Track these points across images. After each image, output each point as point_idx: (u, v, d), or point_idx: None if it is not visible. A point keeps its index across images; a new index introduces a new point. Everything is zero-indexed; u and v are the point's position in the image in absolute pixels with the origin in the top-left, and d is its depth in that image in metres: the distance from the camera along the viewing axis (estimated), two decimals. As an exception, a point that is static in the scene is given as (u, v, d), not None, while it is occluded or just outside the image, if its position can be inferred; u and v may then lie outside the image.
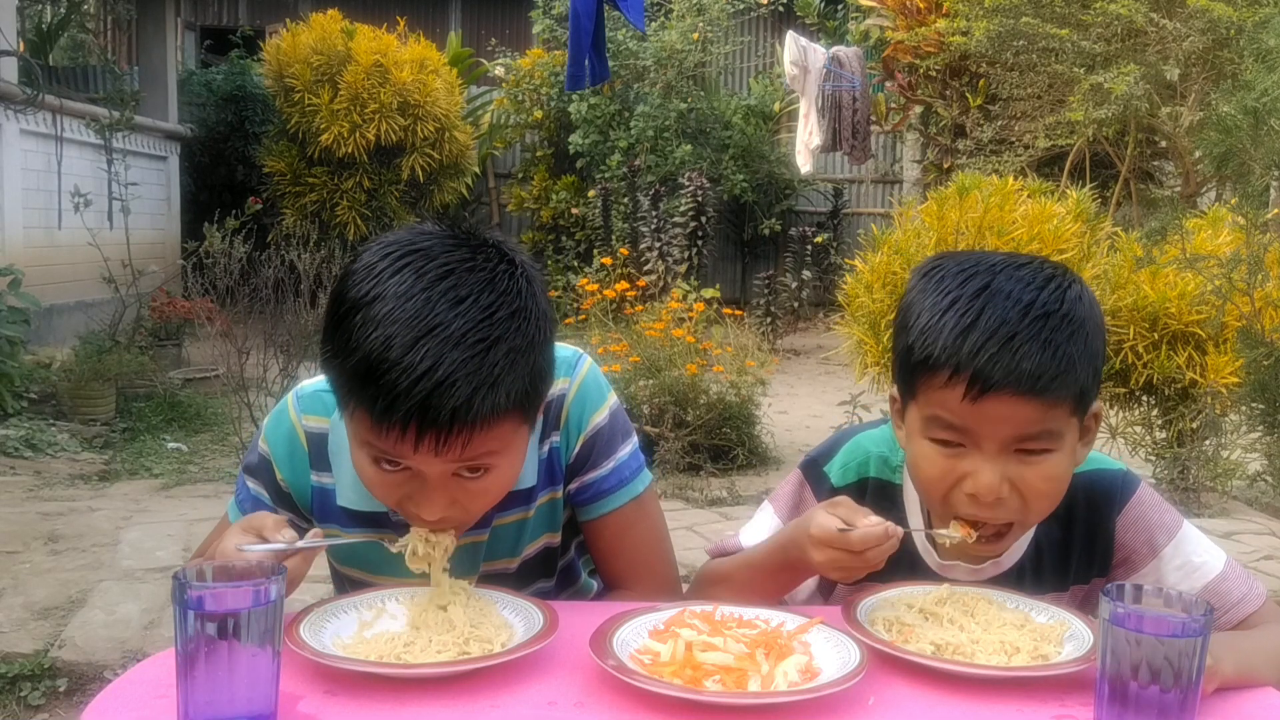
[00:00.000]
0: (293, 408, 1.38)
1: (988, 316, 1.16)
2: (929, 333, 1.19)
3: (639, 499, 1.42)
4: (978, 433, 1.19)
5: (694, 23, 10.30)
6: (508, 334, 1.12)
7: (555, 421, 1.38)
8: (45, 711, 2.76)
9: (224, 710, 0.95)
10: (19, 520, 4.15)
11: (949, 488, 1.23)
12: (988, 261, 1.23)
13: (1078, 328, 1.18)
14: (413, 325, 1.09)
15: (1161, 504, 1.37)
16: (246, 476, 1.41)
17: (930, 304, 1.21)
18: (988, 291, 1.18)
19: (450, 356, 1.08)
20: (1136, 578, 1.35)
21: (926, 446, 1.24)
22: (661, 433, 4.91)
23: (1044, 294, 1.18)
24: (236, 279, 5.68)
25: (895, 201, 5.68)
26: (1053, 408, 1.17)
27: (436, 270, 1.12)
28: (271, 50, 9.55)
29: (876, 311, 4.06)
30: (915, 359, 1.21)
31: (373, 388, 1.09)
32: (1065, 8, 6.52)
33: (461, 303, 1.11)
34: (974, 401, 1.16)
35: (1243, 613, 1.30)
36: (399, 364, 1.08)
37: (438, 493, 1.17)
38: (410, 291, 1.11)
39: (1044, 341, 1.15)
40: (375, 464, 1.17)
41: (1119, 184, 7.06)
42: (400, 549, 1.22)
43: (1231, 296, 3.44)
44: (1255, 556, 3.87)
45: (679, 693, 1.01)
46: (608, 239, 9.53)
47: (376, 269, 1.13)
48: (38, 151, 7.31)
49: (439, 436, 1.10)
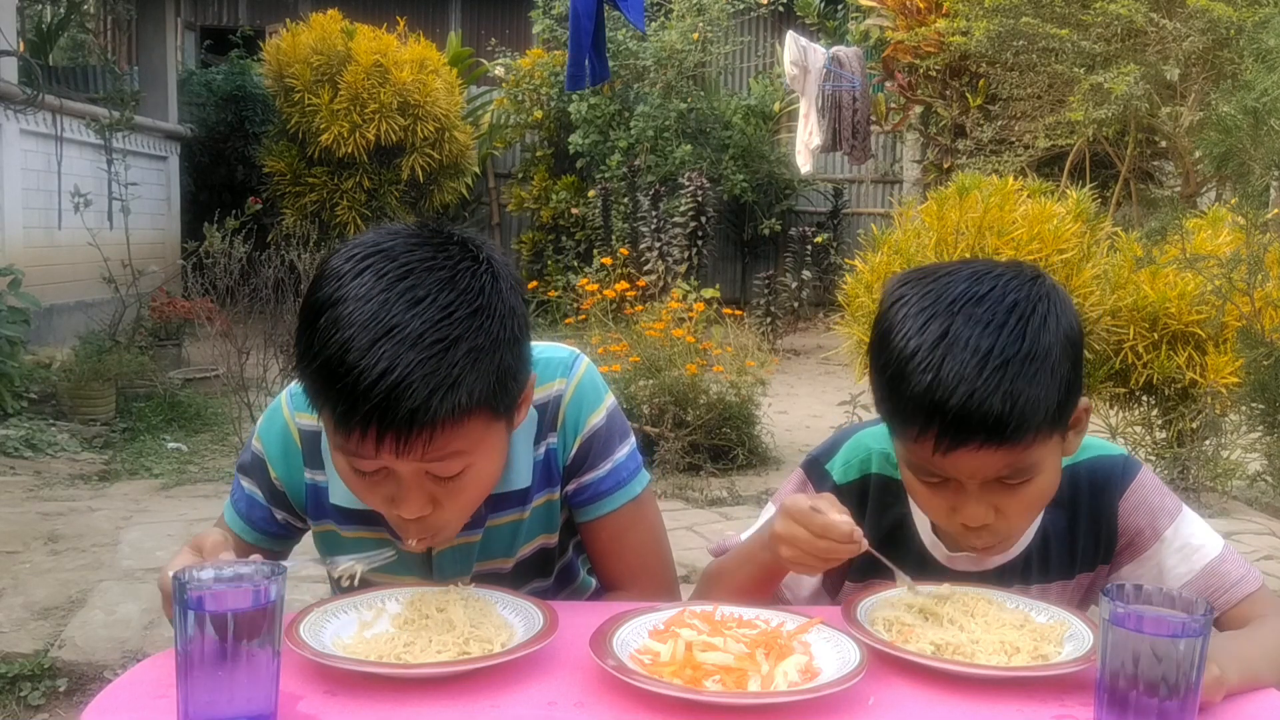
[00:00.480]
0: (286, 406, 1.38)
1: (947, 372, 1.16)
2: (894, 385, 1.20)
3: (637, 500, 1.42)
4: (956, 477, 1.22)
5: (694, 23, 10.29)
6: (468, 333, 1.11)
7: (552, 423, 1.37)
8: (45, 711, 2.76)
9: (224, 710, 0.95)
10: (19, 520, 4.15)
11: (942, 516, 1.28)
12: (949, 295, 1.20)
13: (1041, 363, 1.17)
14: (369, 328, 1.09)
15: (1162, 488, 1.40)
16: (241, 476, 1.41)
17: (895, 351, 1.20)
18: (946, 341, 1.17)
19: (407, 358, 1.08)
20: (1140, 561, 1.37)
21: (914, 482, 1.28)
22: (661, 433, 4.91)
23: (1003, 335, 1.17)
24: (236, 279, 5.68)
25: (895, 201, 5.68)
26: (1024, 448, 1.19)
27: (396, 271, 1.12)
28: (271, 50, 9.55)
29: (876, 312, 4.06)
30: (886, 410, 1.24)
31: (333, 391, 1.10)
32: (1065, 8, 6.52)
33: (419, 303, 1.10)
34: (945, 455, 1.18)
35: (1241, 593, 1.31)
36: (356, 367, 1.08)
37: (414, 491, 1.17)
38: (370, 294, 1.11)
39: (1005, 393, 1.15)
40: (352, 468, 1.18)
41: (1119, 184, 7.06)
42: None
43: (1231, 296, 3.44)
44: (1255, 556, 3.87)
45: (679, 693, 1.00)
46: (608, 239, 9.53)
47: (340, 271, 1.14)
48: (38, 151, 7.31)
49: (399, 437, 1.10)
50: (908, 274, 1.29)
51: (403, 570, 1.37)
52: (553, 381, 1.37)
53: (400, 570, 1.37)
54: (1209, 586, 1.32)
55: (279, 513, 1.40)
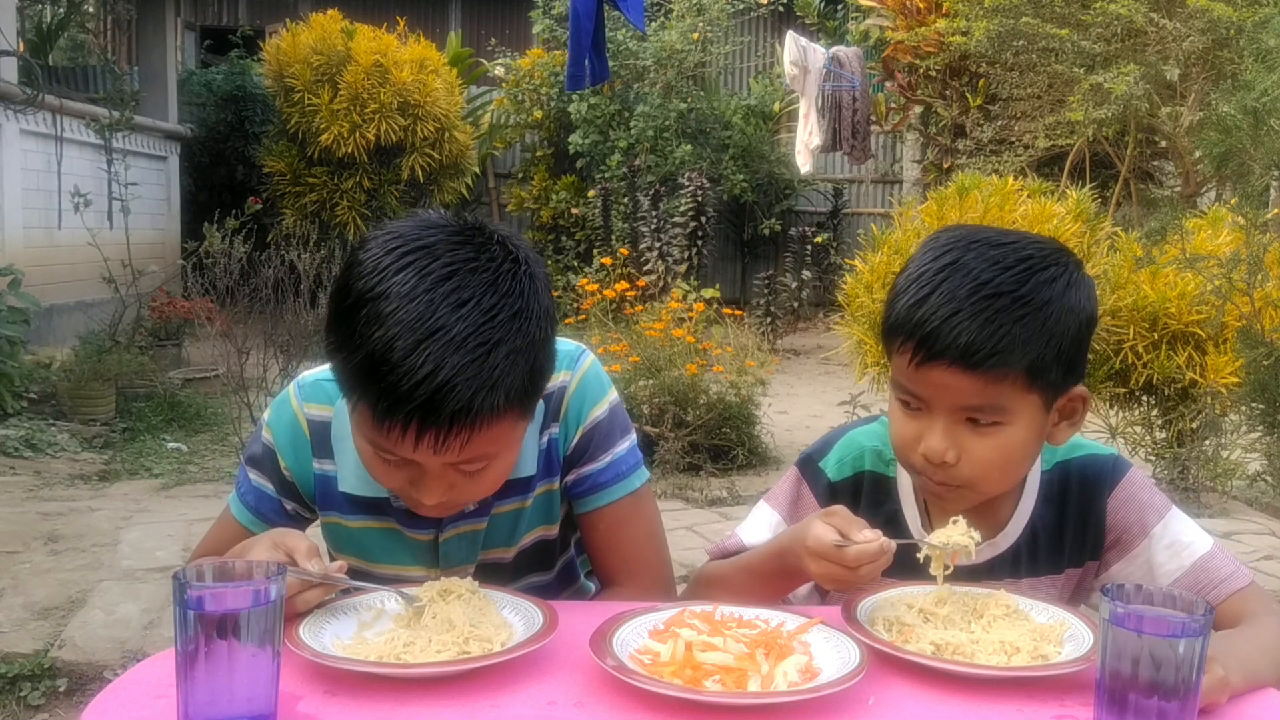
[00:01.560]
0: (294, 397, 1.40)
1: (940, 290, 1.23)
2: (893, 300, 1.28)
3: (635, 494, 1.43)
4: (927, 398, 1.26)
5: (694, 23, 10.30)
6: (508, 335, 1.14)
7: (555, 413, 1.39)
8: (45, 711, 2.76)
9: (224, 710, 0.95)
10: (19, 520, 4.15)
11: (910, 446, 1.30)
12: (973, 237, 1.28)
13: (1035, 309, 1.21)
14: (415, 328, 1.10)
15: (1151, 486, 1.42)
16: (249, 469, 1.41)
17: (905, 275, 1.29)
18: (951, 266, 1.24)
19: (451, 360, 1.10)
20: (1128, 558, 1.39)
21: (894, 404, 1.32)
22: (661, 433, 4.91)
23: (1005, 275, 1.22)
24: (236, 279, 5.68)
25: (895, 201, 5.68)
26: (994, 382, 1.22)
27: (440, 270, 1.13)
28: (271, 50, 9.55)
29: (876, 311, 4.06)
30: (884, 322, 1.31)
31: (375, 388, 1.11)
32: (1065, 8, 6.52)
33: (464, 305, 1.12)
34: (917, 368, 1.24)
35: (1230, 589, 1.32)
36: (401, 366, 1.10)
37: (437, 481, 1.20)
38: (414, 292, 1.12)
39: (985, 319, 1.20)
40: (377, 455, 1.20)
41: (1119, 184, 7.06)
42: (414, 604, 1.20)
43: (1231, 296, 3.44)
44: (1255, 556, 3.87)
45: (679, 693, 1.00)
46: (608, 239, 9.53)
47: (382, 264, 1.14)
48: (38, 151, 7.31)
49: (439, 436, 1.12)
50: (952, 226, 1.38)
51: (408, 560, 1.38)
52: (558, 373, 1.39)
53: (406, 560, 1.38)
54: (1199, 582, 1.33)
55: (289, 503, 1.41)
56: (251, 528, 1.40)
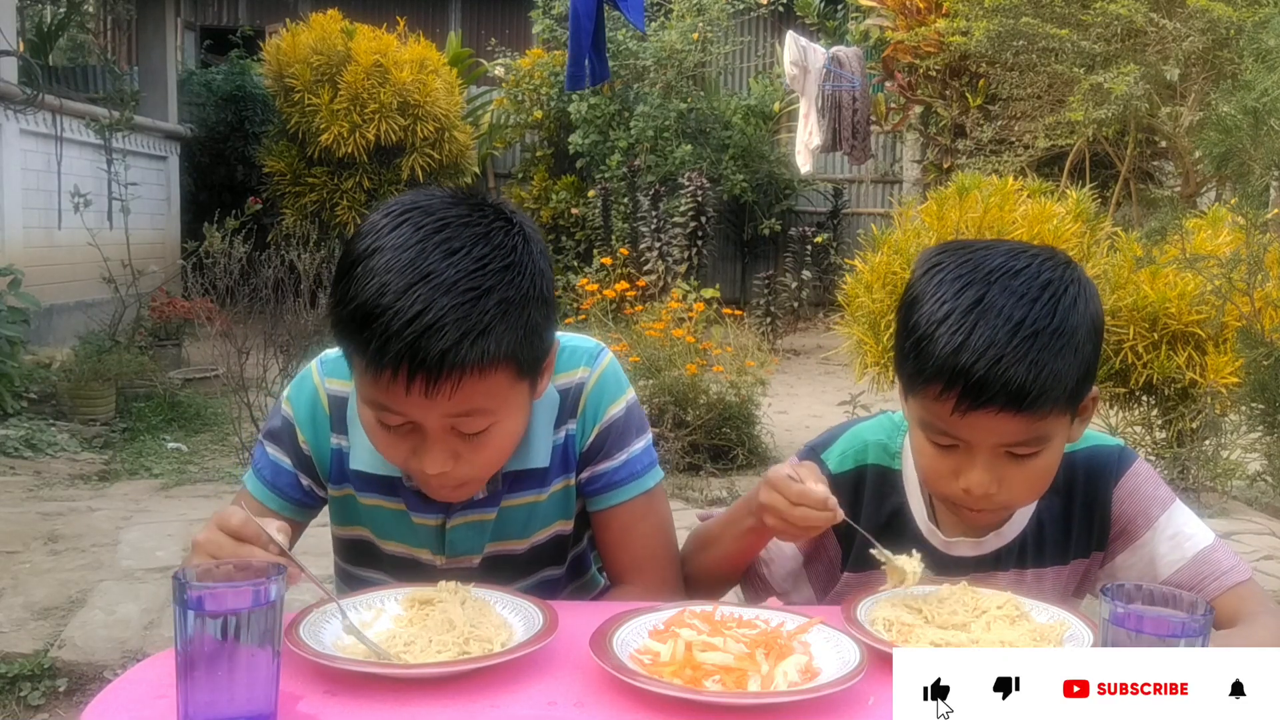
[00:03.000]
0: (316, 372, 1.41)
1: (978, 336, 1.20)
2: (924, 344, 1.23)
3: (649, 493, 1.43)
4: (968, 440, 1.25)
5: (694, 23, 10.29)
6: (499, 285, 1.15)
7: (573, 409, 1.40)
8: (45, 711, 2.76)
9: (224, 710, 0.95)
10: (19, 520, 4.15)
11: (944, 480, 1.29)
12: (986, 266, 1.24)
13: (1067, 340, 1.21)
14: (405, 273, 1.13)
15: (1156, 478, 1.42)
16: (267, 443, 1.42)
17: (927, 313, 1.24)
18: (980, 307, 1.21)
19: (440, 302, 1.12)
20: (1133, 549, 1.39)
21: (924, 443, 1.30)
22: (661, 433, 4.91)
23: (1036, 308, 1.20)
24: (236, 279, 5.68)
25: (895, 201, 5.68)
26: (1040, 419, 1.22)
27: (433, 224, 1.17)
28: (271, 50, 9.55)
29: (876, 311, 4.06)
30: (911, 368, 1.26)
31: (366, 332, 1.13)
32: (1065, 8, 6.52)
33: (454, 254, 1.15)
34: (963, 416, 1.21)
35: (1230, 581, 1.33)
36: (391, 308, 1.12)
37: (437, 444, 1.20)
38: (406, 243, 1.15)
39: (1030, 362, 1.19)
40: (378, 421, 1.21)
41: (1119, 184, 7.06)
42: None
43: (1231, 296, 3.44)
44: (1255, 556, 3.87)
45: (679, 693, 1.01)
46: (608, 239, 9.52)
47: (378, 225, 1.19)
48: (38, 151, 7.31)
49: (429, 379, 1.13)
50: (944, 245, 1.34)
51: (415, 543, 1.39)
52: (576, 369, 1.40)
53: (413, 542, 1.38)
54: (1199, 574, 1.34)
55: (304, 479, 1.41)
56: (268, 503, 1.40)
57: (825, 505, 1.22)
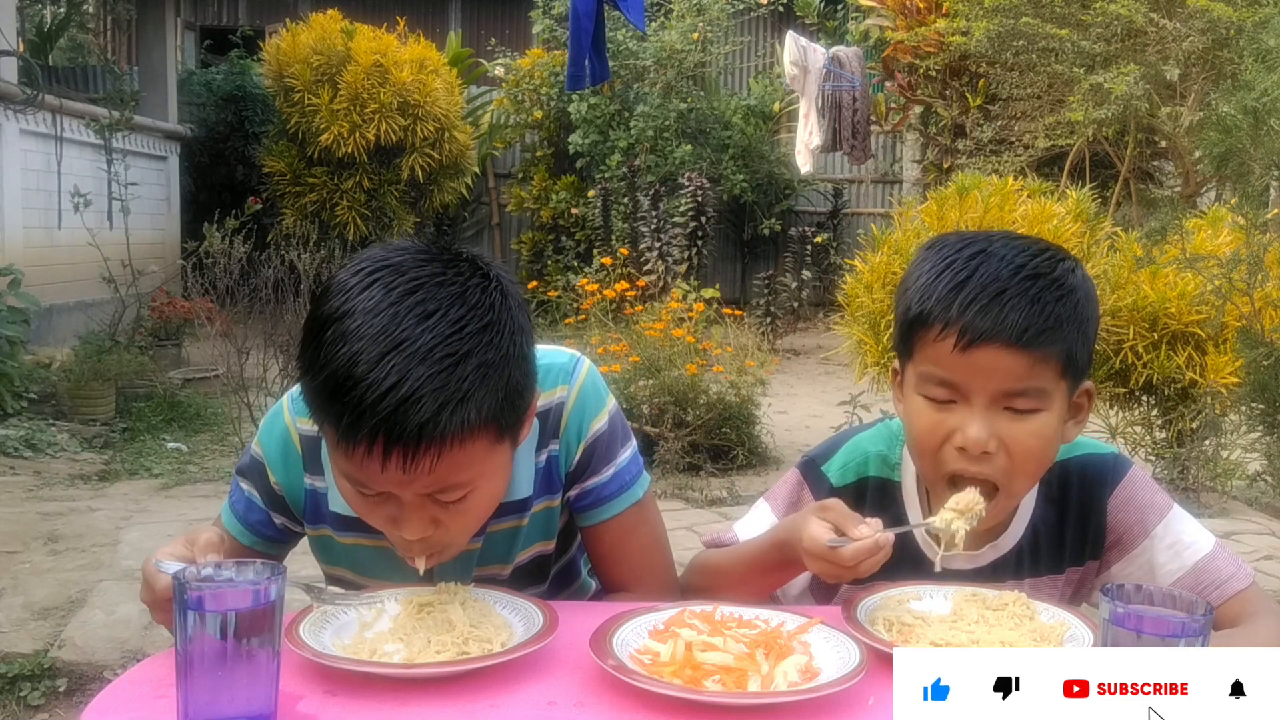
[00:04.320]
0: (287, 410, 1.37)
1: (980, 274, 1.23)
2: (925, 290, 1.26)
3: (639, 503, 1.42)
4: (967, 386, 1.24)
5: (694, 23, 10.29)
6: (478, 348, 1.09)
7: (554, 430, 1.36)
8: (45, 711, 2.76)
9: (224, 710, 0.95)
10: (19, 520, 4.15)
11: (939, 443, 1.27)
12: (988, 234, 1.31)
13: (1067, 292, 1.24)
14: (379, 341, 1.06)
15: (1152, 485, 1.41)
16: (239, 479, 1.40)
17: (929, 267, 1.28)
18: (983, 254, 1.25)
19: (417, 372, 1.06)
20: (1129, 558, 1.38)
21: (920, 402, 1.29)
22: (661, 433, 4.91)
23: (1037, 259, 1.25)
24: (236, 279, 5.68)
25: (895, 201, 5.68)
26: (1040, 363, 1.22)
27: (405, 285, 1.10)
28: (271, 50, 9.55)
29: (876, 311, 4.06)
30: (911, 316, 1.27)
31: (338, 405, 1.07)
32: (1065, 8, 6.52)
33: (429, 317, 1.08)
34: (964, 352, 1.22)
35: (1231, 589, 1.32)
36: (364, 380, 1.05)
37: (415, 513, 1.15)
38: (378, 307, 1.08)
39: (1032, 298, 1.21)
40: (355, 489, 1.16)
41: (1119, 184, 7.06)
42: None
43: (1231, 296, 3.44)
44: (1255, 556, 3.88)
45: (679, 693, 1.01)
46: (608, 239, 9.52)
47: (347, 285, 1.11)
48: (38, 151, 7.31)
49: (406, 454, 1.07)
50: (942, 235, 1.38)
51: (400, 579, 1.36)
52: (555, 389, 1.36)
53: (399, 578, 1.36)
54: (1200, 583, 1.33)
55: (277, 517, 1.39)
56: (241, 538, 1.39)
57: (877, 547, 1.17)
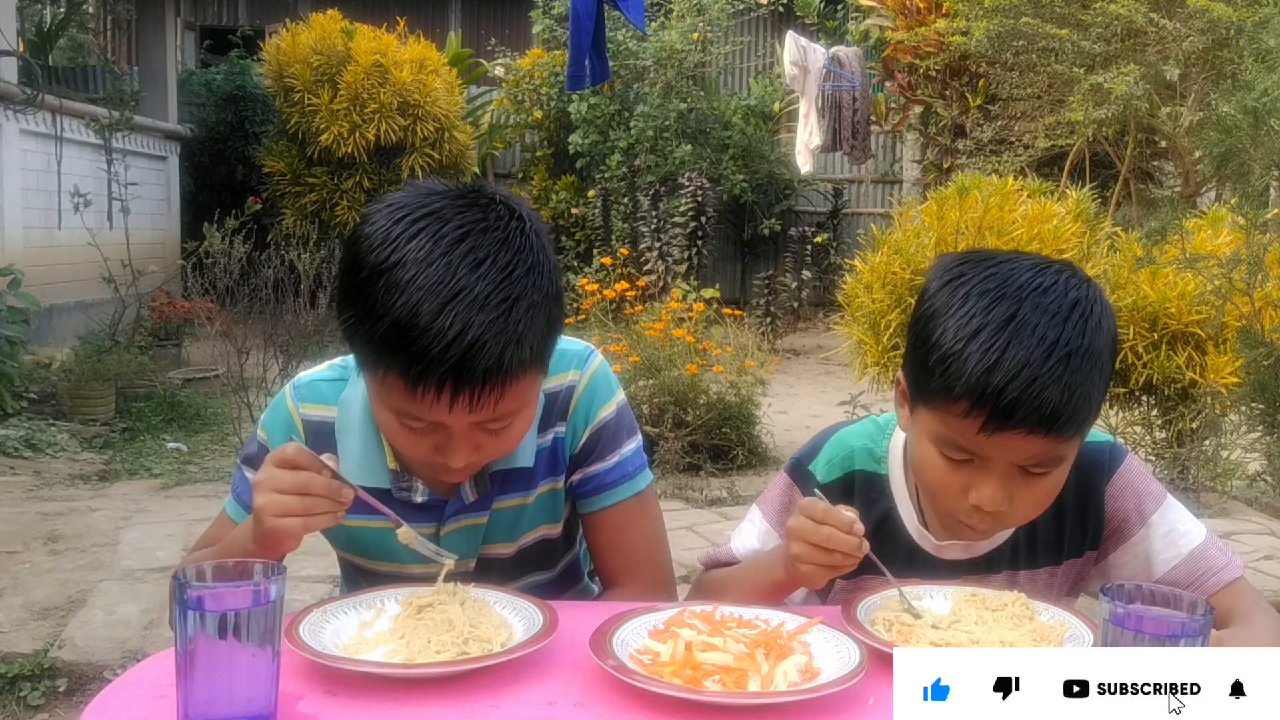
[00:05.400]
0: (290, 397, 1.40)
1: (1012, 355, 1.17)
2: (952, 360, 1.20)
3: (640, 495, 1.44)
4: (988, 457, 1.23)
5: (694, 23, 10.29)
6: (526, 291, 1.16)
7: (563, 412, 1.40)
8: (45, 711, 2.76)
9: (224, 710, 0.95)
10: (19, 520, 4.15)
11: (953, 494, 1.27)
12: (1014, 281, 1.21)
13: (1096, 361, 1.20)
14: (438, 291, 1.12)
15: (1147, 474, 1.41)
16: (245, 468, 1.41)
17: (955, 327, 1.21)
18: (1014, 324, 1.18)
19: (479, 319, 1.12)
20: (1126, 546, 1.38)
21: (935, 456, 1.26)
22: (661, 433, 4.91)
23: (1068, 328, 1.18)
24: (236, 279, 5.68)
25: (895, 201, 5.68)
26: (1064, 440, 1.21)
27: (453, 234, 1.16)
28: (271, 50, 9.55)
29: (876, 311, 4.05)
30: (935, 383, 1.22)
31: (405, 355, 1.13)
32: (1065, 8, 6.51)
33: (480, 265, 1.14)
34: (989, 435, 1.19)
35: (1225, 578, 1.33)
36: (430, 330, 1.11)
37: (463, 442, 1.22)
38: (430, 256, 1.14)
39: (1065, 385, 1.17)
40: (401, 424, 1.21)
41: (1119, 184, 7.06)
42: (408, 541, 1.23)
43: (1231, 296, 3.44)
44: (1255, 556, 3.88)
45: (679, 693, 1.01)
46: (608, 239, 9.52)
47: (392, 234, 1.16)
48: (38, 151, 7.31)
49: (473, 395, 1.14)
50: (963, 255, 1.30)
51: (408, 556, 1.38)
52: (567, 372, 1.40)
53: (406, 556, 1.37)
54: (1195, 570, 1.34)
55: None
56: None
57: (852, 528, 1.18)
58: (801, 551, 1.21)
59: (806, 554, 1.21)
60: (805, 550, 1.21)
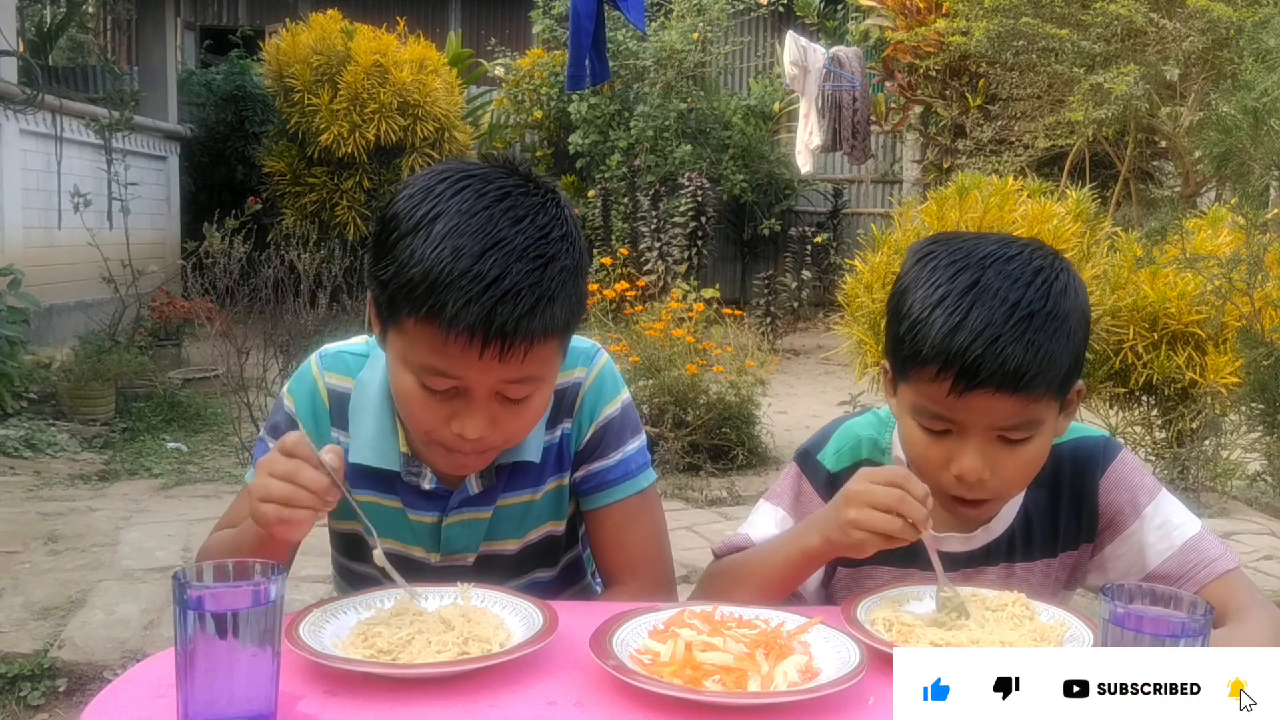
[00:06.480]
0: (316, 366, 1.42)
1: (975, 316, 1.21)
2: (919, 327, 1.25)
3: (643, 493, 1.44)
4: (963, 422, 1.26)
5: (694, 23, 10.30)
6: (560, 253, 1.19)
7: (569, 408, 1.41)
8: (45, 711, 2.76)
9: (224, 710, 0.95)
10: (19, 520, 4.15)
11: (937, 468, 1.29)
12: (979, 253, 1.26)
13: (1061, 324, 1.23)
14: (479, 238, 1.15)
15: (1141, 468, 1.43)
16: (269, 438, 1.42)
17: (921, 296, 1.26)
18: (976, 289, 1.23)
19: (516, 268, 1.15)
20: (1121, 539, 1.39)
21: (915, 430, 1.30)
22: (661, 433, 4.91)
23: (1030, 291, 1.23)
24: (236, 279, 5.68)
25: (895, 201, 5.68)
26: (1034, 401, 1.23)
27: (495, 192, 1.19)
28: (271, 50, 9.54)
29: (876, 311, 4.05)
30: (905, 351, 1.27)
31: (441, 296, 1.14)
32: (1065, 8, 6.52)
33: (521, 220, 1.18)
34: (959, 396, 1.22)
35: (1220, 569, 1.34)
36: (469, 272, 1.14)
37: (481, 410, 1.22)
38: (473, 209, 1.17)
39: (1027, 342, 1.21)
40: (422, 385, 1.21)
41: (1119, 184, 7.06)
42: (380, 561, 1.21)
43: (1231, 296, 3.44)
44: (1255, 556, 3.88)
45: (679, 693, 1.00)
46: (608, 239, 9.52)
47: (435, 190, 1.20)
48: (38, 151, 7.31)
49: (504, 342, 1.15)
50: (934, 236, 1.35)
51: (410, 540, 1.39)
52: (574, 369, 1.41)
53: (408, 539, 1.38)
54: (1189, 561, 1.34)
55: None
56: None
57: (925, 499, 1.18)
58: (859, 516, 1.20)
59: (865, 519, 1.20)
60: (864, 515, 1.19)
